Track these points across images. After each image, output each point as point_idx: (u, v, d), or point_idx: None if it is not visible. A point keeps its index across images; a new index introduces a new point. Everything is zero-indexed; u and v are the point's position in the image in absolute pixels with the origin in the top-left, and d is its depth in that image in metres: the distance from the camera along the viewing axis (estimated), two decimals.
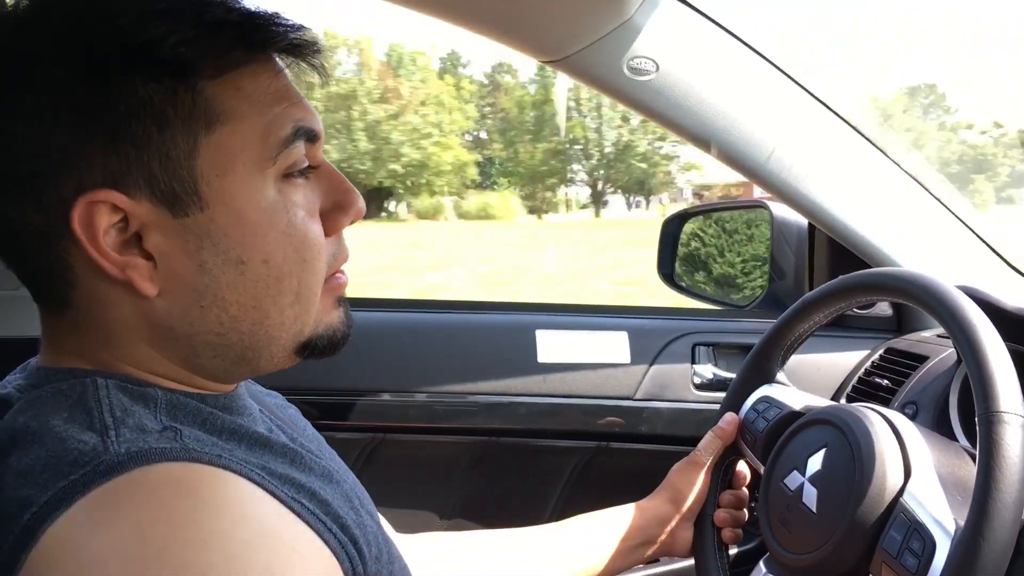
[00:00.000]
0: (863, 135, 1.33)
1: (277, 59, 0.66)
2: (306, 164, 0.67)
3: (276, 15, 0.65)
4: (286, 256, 0.65)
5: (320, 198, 0.69)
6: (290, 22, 0.65)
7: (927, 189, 1.39)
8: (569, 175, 43.28)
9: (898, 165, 1.36)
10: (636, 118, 35.27)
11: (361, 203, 0.71)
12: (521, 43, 1.17)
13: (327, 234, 0.69)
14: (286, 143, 0.64)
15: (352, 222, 0.71)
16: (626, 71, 1.17)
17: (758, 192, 1.61)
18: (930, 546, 0.76)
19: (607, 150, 40.72)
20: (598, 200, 41.99)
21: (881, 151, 1.34)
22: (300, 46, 0.66)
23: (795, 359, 1.14)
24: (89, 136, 0.59)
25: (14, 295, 1.07)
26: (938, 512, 0.79)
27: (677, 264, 1.99)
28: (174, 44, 0.60)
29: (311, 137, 0.67)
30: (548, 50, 1.17)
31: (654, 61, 1.15)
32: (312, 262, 0.67)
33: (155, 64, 0.59)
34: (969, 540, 0.73)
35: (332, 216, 0.69)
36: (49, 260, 0.62)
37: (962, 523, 0.76)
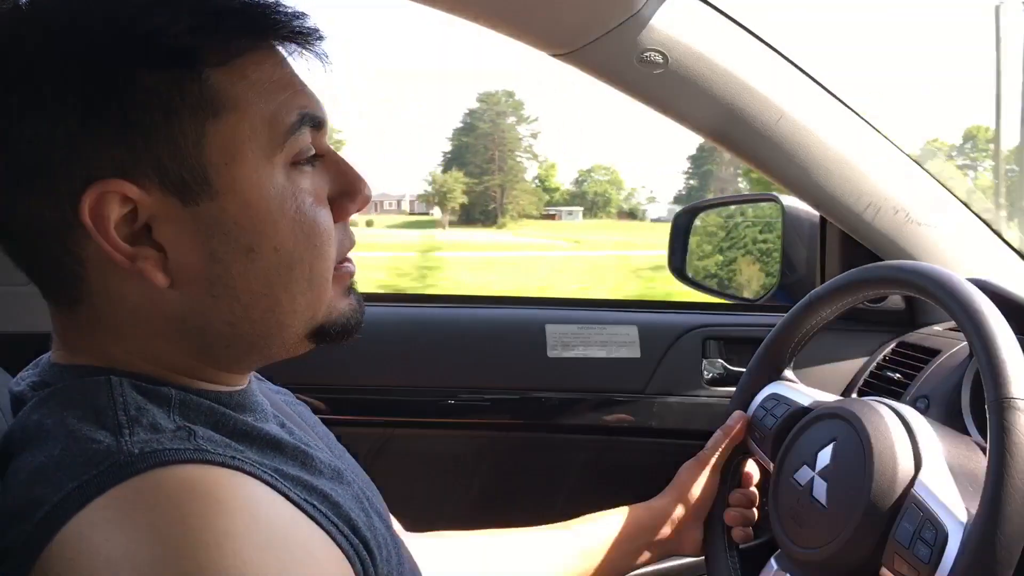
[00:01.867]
0: (874, 127, 1.32)
1: (279, 47, 0.66)
2: (312, 152, 0.67)
3: (277, 3, 0.65)
4: (297, 242, 0.65)
5: (327, 185, 0.69)
6: (291, 10, 0.65)
7: (939, 181, 1.38)
8: None
9: (909, 157, 1.35)
10: None
11: (368, 190, 0.71)
12: (531, 37, 1.17)
13: (335, 220, 0.69)
14: (292, 130, 0.64)
15: (359, 209, 0.71)
16: (636, 64, 1.16)
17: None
18: (942, 536, 0.76)
19: None
20: None
21: (893, 144, 1.33)
22: (303, 33, 0.66)
23: (806, 354, 1.13)
24: (97, 127, 0.59)
25: (22, 290, 1.08)
26: (950, 502, 0.79)
27: (687, 258, 1.98)
28: (178, 33, 0.60)
29: (316, 124, 0.67)
30: (558, 43, 1.16)
31: (663, 53, 1.15)
32: (322, 248, 0.67)
33: (160, 53, 0.60)
34: (982, 528, 0.73)
35: (339, 203, 0.69)
36: (60, 254, 0.62)
37: (974, 512, 0.75)
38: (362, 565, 0.63)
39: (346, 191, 0.70)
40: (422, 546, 0.98)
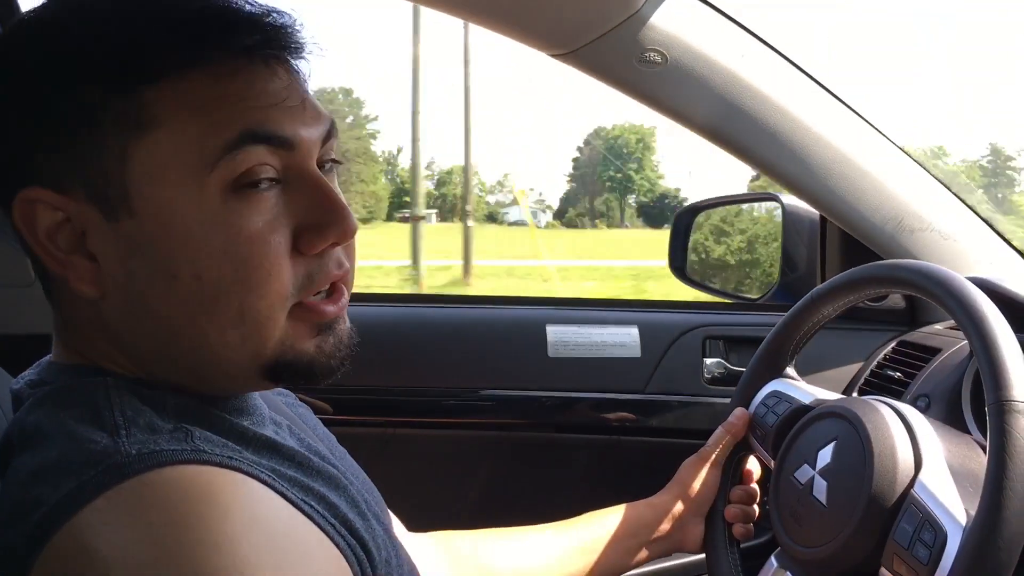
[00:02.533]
0: (873, 126, 1.32)
1: (246, 58, 0.61)
2: (269, 175, 0.61)
3: (240, 10, 0.61)
4: (222, 274, 0.60)
5: (298, 212, 0.62)
6: (253, 15, 0.61)
7: (939, 180, 1.38)
8: None
9: (909, 156, 1.35)
10: None
11: (348, 222, 0.63)
12: (530, 37, 1.17)
13: (302, 252, 0.63)
14: (228, 148, 0.59)
15: (336, 244, 0.64)
16: (635, 63, 1.16)
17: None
18: (941, 537, 0.76)
19: None
20: None
21: (892, 142, 1.33)
22: (252, 46, 0.61)
23: (807, 352, 1.13)
24: (31, 137, 0.60)
25: (23, 291, 1.08)
26: (949, 503, 0.79)
27: (688, 257, 1.98)
28: (110, 47, 0.59)
29: (278, 143, 0.61)
30: (557, 43, 1.16)
31: (663, 53, 1.15)
32: (257, 284, 0.61)
33: (90, 67, 0.59)
34: (981, 530, 0.73)
35: (306, 235, 0.63)
36: (31, 258, 0.64)
37: (973, 514, 0.75)
38: (359, 565, 0.63)
39: (317, 222, 0.63)
40: (421, 545, 0.98)
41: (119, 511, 0.52)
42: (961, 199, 1.40)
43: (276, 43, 0.62)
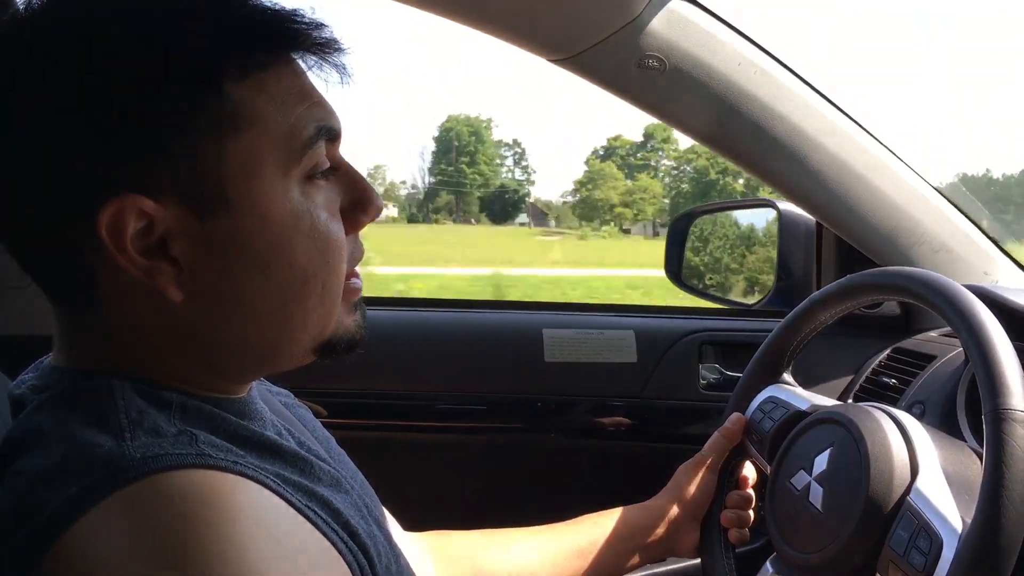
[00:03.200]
0: (870, 133, 1.32)
1: (298, 59, 0.65)
2: (328, 165, 0.66)
3: (296, 13, 0.64)
4: (311, 259, 0.64)
5: (339, 197, 0.68)
6: (309, 19, 0.64)
7: (935, 188, 1.38)
8: None
9: (906, 164, 1.36)
10: None
11: (379, 201, 0.71)
12: (529, 42, 1.17)
13: (347, 233, 0.68)
14: (310, 144, 0.63)
15: (371, 220, 0.71)
16: (634, 69, 1.16)
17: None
18: (937, 545, 0.76)
19: None
20: None
21: (889, 150, 1.34)
22: (322, 45, 0.65)
23: (802, 358, 1.14)
24: (114, 141, 0.58)
25: (22, 292, 1.08)
26: (945, 510, 0.79)
27: (684, 263, 1.98)
28: (197, 47, 0.59)
29: (331, 136, 0.66)
30: (556, 49, 1.17)
31: (662, 59, 1.15)
32: (335, 263, 0.66)
33: (179, 68, 0.59)
34: (976, 538, 0.73)
35: (352, 215, 0.69)
36: (71, 264, 0.62)
37: (969, 521, 0.75)
38: (361, 572, 0.63)
39: (358, 203, 0.69)
40: (416, 545, 0.98)
41: (123, 515, 0.52)
42: (959, 208, 1.40)
43: (322, 44, 0.65)
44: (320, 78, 0.67)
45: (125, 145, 0.58)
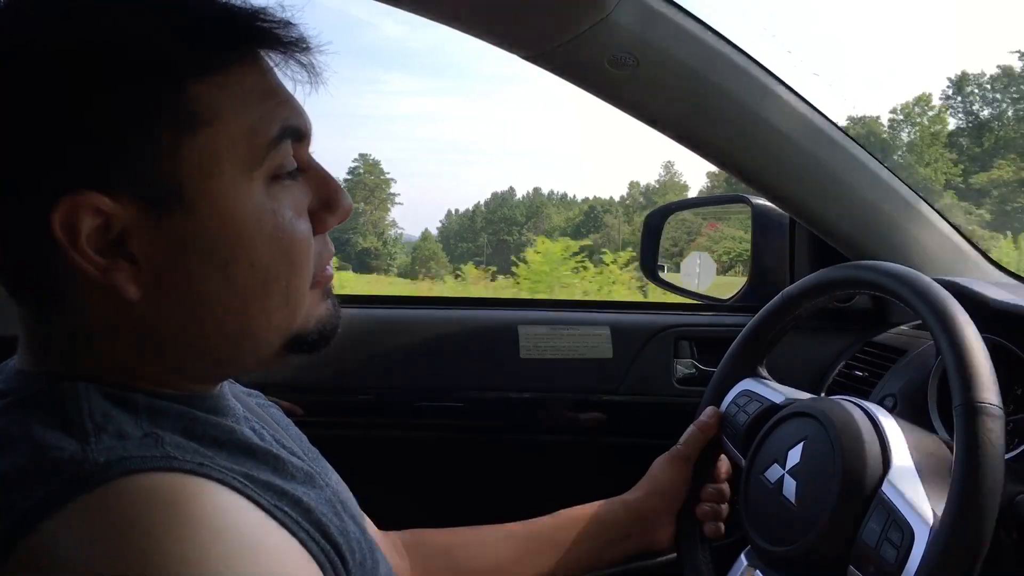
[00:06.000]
0: (841, 129, 1.34)
1: (265, 56, 0.64)
2: (294, 166, 0.65)
3: (262, 11, 0.63)
4: (273, 259, 0.63)
5: (307, 197, 0.67)
6: (276, 18, 0.63)
7: (905, 183, 1.40)
8: None
9: (876, 159, 1.37)
10: None
11: (348, 201, 0.70)
12: (500, 38, 1.17)
13: (315, 233, 0.68)
14: (273, 144, 0.62)
15: (339, 222, 0.70)
16: (606, 66, 1.16)
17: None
18: (909, 537, 0.77)
19: None
20: None
21: (860, 145, 1.35)
22: (289, 43, 0.64)
23: (776, 352, 1.14)
24: (71, 136, 0.57)
25: None
26: (917, 503, 0.79)
27: (659, 259, 1.99)
28: (157, 43, 0.58)
29: (298, 136, 0.65)
30: (527, 45, 1.16)
31: (634, 56, 1.15)
32: (300, 264, 0.66)
33: (137, 64, 0.58)
34: (947, 530, 0.73)
35: (320, 216, 0.68)
36: (30, 263, 0.61)
37: (940, 514, 0.76)
38: (333, 570, 0.62)
39: (326, 203, 0.69)
40: (392, 542, 0.98)
41: (86, 521, 0.51)
42: (928, 203, 1.42)
43: (288, 42, 0.64)
44: (289, 78, 0.66)
45: (81, 142, 0.58)
